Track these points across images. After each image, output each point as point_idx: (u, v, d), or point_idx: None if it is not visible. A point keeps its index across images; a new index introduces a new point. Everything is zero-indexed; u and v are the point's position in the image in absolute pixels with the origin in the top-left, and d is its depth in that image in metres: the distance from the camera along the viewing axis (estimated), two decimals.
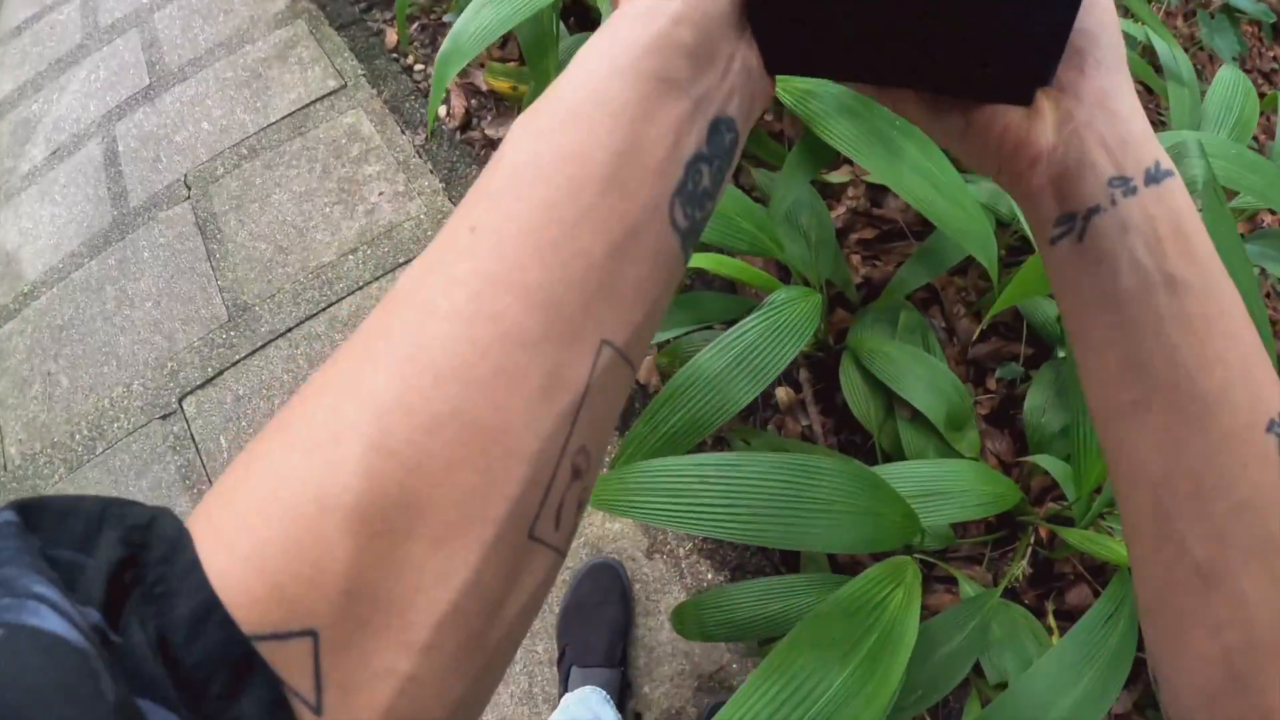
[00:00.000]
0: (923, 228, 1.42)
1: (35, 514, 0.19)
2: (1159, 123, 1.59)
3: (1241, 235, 0.96)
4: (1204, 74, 1.79)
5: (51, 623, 0.16)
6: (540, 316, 0.22)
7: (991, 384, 1.34)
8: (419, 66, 2.02)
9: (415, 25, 2.09)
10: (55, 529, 0.19)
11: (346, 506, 0.19)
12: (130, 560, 0.19)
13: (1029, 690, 0.72)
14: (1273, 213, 1.58)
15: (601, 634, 1.25)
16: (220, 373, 1.65)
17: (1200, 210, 0.74)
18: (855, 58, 0.29)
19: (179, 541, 0.19)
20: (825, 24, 0.27)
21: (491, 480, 0.21)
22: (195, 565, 0.19)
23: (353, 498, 0.19)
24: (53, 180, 2.04)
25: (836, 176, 1.42)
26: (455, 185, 1.80)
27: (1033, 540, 1.14)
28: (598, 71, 0.24)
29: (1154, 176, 0.28)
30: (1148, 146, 0.28)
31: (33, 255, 1.93)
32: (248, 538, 0.19)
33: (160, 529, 0.20)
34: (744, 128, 0.28)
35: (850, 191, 1.47)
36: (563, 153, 0.23)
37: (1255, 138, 1.14)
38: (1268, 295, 1.51)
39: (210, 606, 0.18)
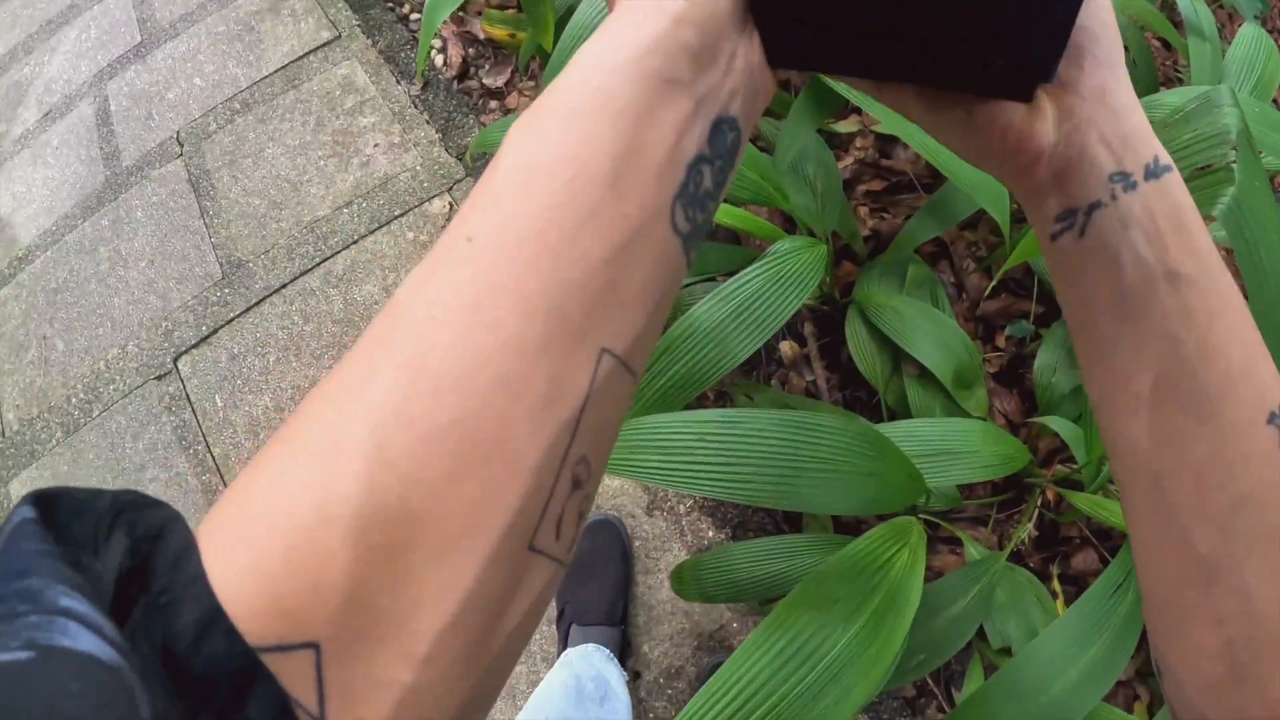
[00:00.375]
0: (933, 180, 1.39)
1: (51, 506, 0.19)
2: (1176, 79, 1.53)
3: None
4: (1223, 33, 1.72)
5: (83, 642, 0.16)
6: (540, 325, 0.21)
7: (1001, 341, 1.31)
8: (415, 15, 1.96)
9: None
10: (67, 525, 0.19)
11: (346, 518, 0.19)
12: (137, 570, 0.19)
13: (1034, 659, 0.70)
14: None
15: (601, 592, 1.25)
16: (215, 331, 1.62)
17: (1234, 162, 0.71)
18: (859, 54, 0.29)
19: (185, 552, 0.19)
20: (830, 20, 0.27)
21: (492, 492, 0.21)
22: (200, 576, 0.19)
23: (352, 510, 0.19)
24: (45, 143, 2.01)
25: (844, 126, 1.38)
26: (452, 135, 1.76)
27: (1039, 503, 1.12)
28: (599, 72, 0.24)
29: (1153, 171, 0.28)
30: (1147, 142, 0.28)
31: (26, 219, 1.91)
32: (249, 550, 0.19)
33: (169, 541, 0.19)
34: (746, 126, 0.27)
35: (858, 142, 1.43)
36: (563, 155, 0.23)
37: (1275, 100, 1.09)
38: None
39: (214, 617, 0.18)
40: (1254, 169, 0.69)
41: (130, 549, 0.19)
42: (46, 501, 0.19)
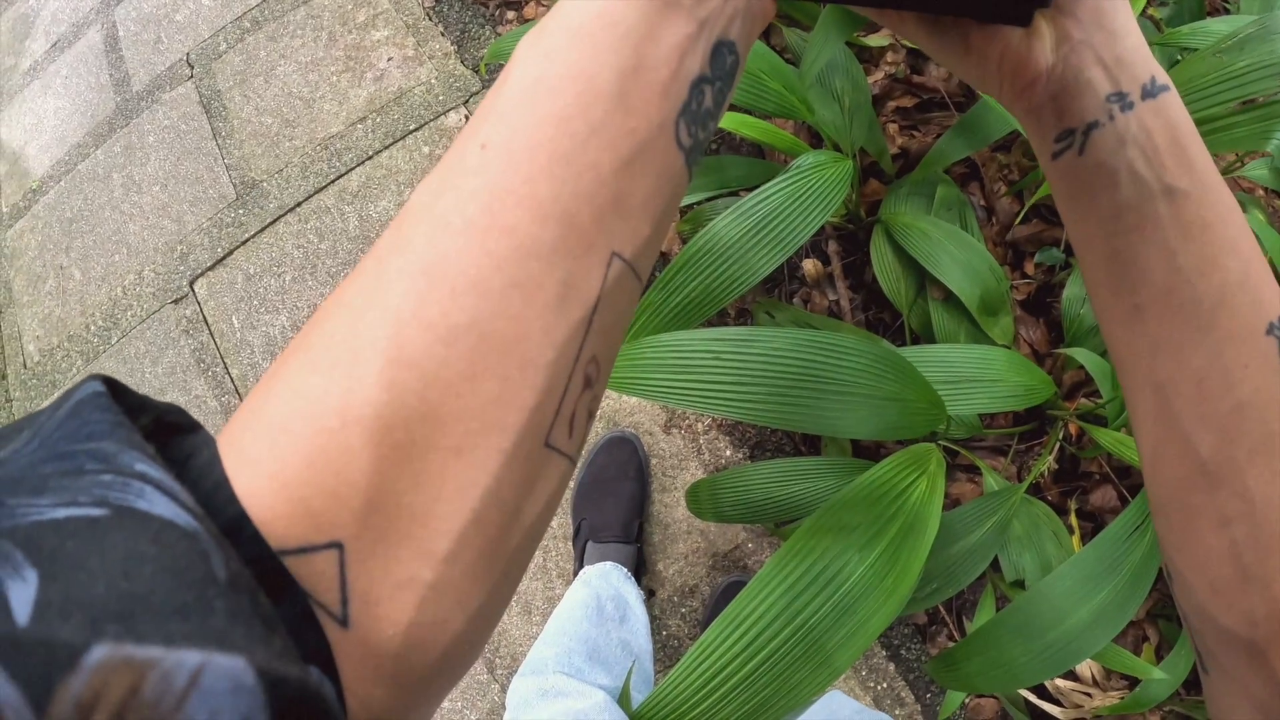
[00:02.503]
0: (965, 98, 1.33)
1: (117, 392, 0.20)
2: (1224, 9, 1.44)
3: None
4: None
5: (159, 506, 0.17)
6: (553, 228, 0.22)
7: (1030, 269, 1.26)
8: None
9: None
10: (130, 414, 0.19)
11: (368, 419, 0.20)
12: None
13: (1047, 595, 0.69)
14: None
15: (618, 509, 1.26)
16: (230, 252, 1.62)
17: None
18: None
19: (210, 465, 0.20)
20: None
21: (509, 390, 0.21)
22: (223, 483, 0.19)
23: (373, 410, 0.20)
24: (54, 73, 1.98)
25: (875, 39, 1.31)
26: (468, 47, 1.70)
27: (1061, 436, 1.10)
28: None
29: (1150, 91, 0.29)
30: (1143, 62, 0.29)
31: (39, 151, 1.90)
32: (271, 455, 0.20)
33: (196, 461, 0.20)
34: (744, 50, 0.28)
35: (889, 56, 1.36)
36: (570, 71, 0.23)
37: None
38: None
39: (239, 523, 0.19)
40: None
41: (161, 467, 0.19)
42: (113, 385, 0.20)
